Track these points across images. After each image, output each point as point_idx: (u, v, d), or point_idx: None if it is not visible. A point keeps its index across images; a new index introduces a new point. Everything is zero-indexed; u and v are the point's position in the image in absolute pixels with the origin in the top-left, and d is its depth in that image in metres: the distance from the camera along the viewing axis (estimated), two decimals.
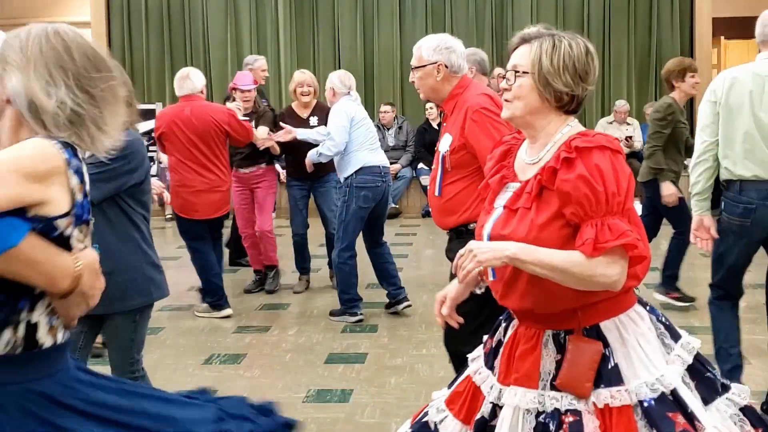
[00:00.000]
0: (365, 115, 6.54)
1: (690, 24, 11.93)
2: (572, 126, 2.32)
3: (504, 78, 2.33)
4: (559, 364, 2.25)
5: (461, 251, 2.21)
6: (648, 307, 2.37)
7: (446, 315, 2.49)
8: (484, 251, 2.18)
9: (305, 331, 6.08)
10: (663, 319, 2.36)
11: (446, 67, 3.79)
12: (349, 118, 6.34)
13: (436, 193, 3.78)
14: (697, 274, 7.57)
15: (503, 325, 2.48)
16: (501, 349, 2.42)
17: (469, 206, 3.66)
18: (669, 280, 6.52)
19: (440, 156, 3.76)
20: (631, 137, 10.85)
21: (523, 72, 2.27)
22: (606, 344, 2.24)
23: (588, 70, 2.28)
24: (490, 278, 2.38)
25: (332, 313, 6.43)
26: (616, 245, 2.13)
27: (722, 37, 14.45)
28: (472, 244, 2.22)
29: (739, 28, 14.01)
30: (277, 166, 8.17)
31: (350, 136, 6.31)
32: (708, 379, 2.30)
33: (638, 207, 10.69)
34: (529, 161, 2.36)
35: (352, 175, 6.27)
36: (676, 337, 2.33)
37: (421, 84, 3.85)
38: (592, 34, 11.95)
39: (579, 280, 2.16)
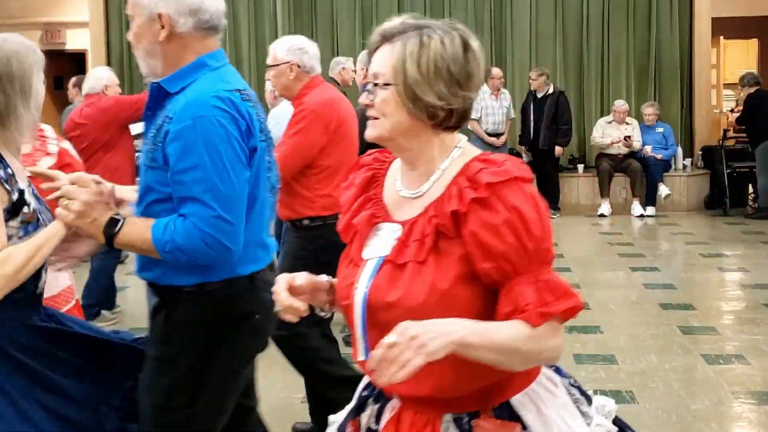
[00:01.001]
0: None
1: (689, 24, 11.90)
2: (462, 147, 1.79)
3: (369, 86, 1.79)
4: None
5: (393, 337, 1.53)
6: (554, 368, 1.88)
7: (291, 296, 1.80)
8: (432, 337, 1.53)
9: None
10: (573, 381, 1.90)
11: (298, 67, 4.02)
12: None
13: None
14: (696, 274, 7.57)
15: (371, 407, 1.89)
16: None
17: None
18: None
19: None
20: (630, 137, 10.83)
21: (385, 83, 1.72)
22: (524, 425, 1.75)
23: (470, 72, 1.72)
24: (360, 357, 1.79)
25: None
26: (563, 309, 1.66)
27: (721, 37, 14.44)
28: (410, 326, 1.54)
29: (739, 28, 14.03)
30: None
31: None
32: None
33: (638, 208, 10.69)
34: (408, 194, 1.79)
35: None
36: (589, 400, 1.89)
37: (276, 82, 4.10)
38: (591, 33, 11.93)
39: (526, 360, 1.69)
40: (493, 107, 10.76)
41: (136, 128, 6.76)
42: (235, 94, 2.26)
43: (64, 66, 12.51)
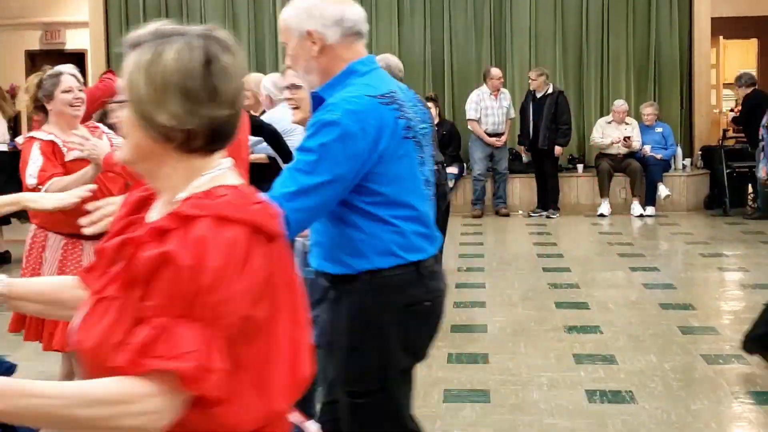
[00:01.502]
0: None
1: (689, 24, 11.90)
2: (213, 174, 1.52)
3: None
4: None
5: None
6: None
7: None
8: None
9: None
10: None
11: None
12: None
13: None
14: (696, 274, 7.58)
15: None
16: None
17: None
18: None
19: None
20: (629, 137, 10.84)
21: (122, 100, 1.50)
22: None
23: (214, 87, 1.47)
24: None
25: None
26: (163, 368, 1.34)
27: (721, 37, 14.44)
28: None
29: (738, 27, 14.04)
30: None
31: None
32: None
33: (637, 208, 10.69)
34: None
35: None
36: None
37: None
38: (591, 33, 11.92)
39: (94, 426, 1.37)
40: (492, 107, 10.76)
41: None
42: (373, 100, 2.38)
43: None
